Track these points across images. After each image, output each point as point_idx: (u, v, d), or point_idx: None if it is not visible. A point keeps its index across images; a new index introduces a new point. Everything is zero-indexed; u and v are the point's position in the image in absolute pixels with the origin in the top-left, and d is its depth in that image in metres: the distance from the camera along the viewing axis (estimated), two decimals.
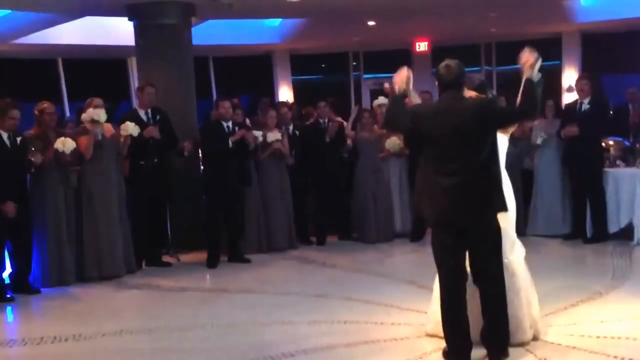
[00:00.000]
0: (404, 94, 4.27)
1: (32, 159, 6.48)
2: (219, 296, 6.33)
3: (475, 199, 4.06)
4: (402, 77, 4.22)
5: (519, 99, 4.07)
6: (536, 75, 4.09)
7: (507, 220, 4.42)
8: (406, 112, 4.28)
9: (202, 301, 6.17)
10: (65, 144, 6.60)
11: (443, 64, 4.21)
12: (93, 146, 6.87)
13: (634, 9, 11.94)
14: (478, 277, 4.20)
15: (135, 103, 9.39)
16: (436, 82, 4.26)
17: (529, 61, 4.09)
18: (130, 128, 7.08)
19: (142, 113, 7.56)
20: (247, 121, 8.51)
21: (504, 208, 4.16)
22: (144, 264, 7.51)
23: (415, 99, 4.42)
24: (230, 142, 7.47)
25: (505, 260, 4.33)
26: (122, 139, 7.11)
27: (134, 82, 10.88)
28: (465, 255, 4.19)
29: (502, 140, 4.46)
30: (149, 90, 7.57)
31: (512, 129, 4.64)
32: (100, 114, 6.89)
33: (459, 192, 4.04)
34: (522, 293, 4.46)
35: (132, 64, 12.05)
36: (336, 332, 4.97)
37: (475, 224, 4.13)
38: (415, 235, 8.44)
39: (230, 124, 7.62)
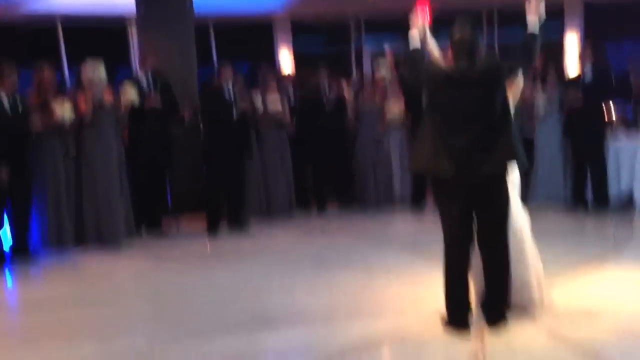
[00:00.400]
0: (423, 33, 4.38)
1: (31, 124, 6.44)
2: (218, 263, 6.33)
3: (489, 151, 4.07)
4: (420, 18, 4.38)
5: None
6: (539, 20, 4.14)
7: (513, 187, 4.42)
8: (423, 67, 4.33)
9: (201, 268, 6.17)
10: (64, 112, 6.56)
11: (456, 30, 4.21)
12: (93, 107, 6.82)
13: None
14: (483, 241, 4.20)
15: (135, 69, 9.34)
16: (449, 47, 4.25)
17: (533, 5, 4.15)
18: (131, 95, 7.04)
19: (143, 80, 7.54)
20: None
21: (522, 159, 4.17)
22: (143, 230, 7.53)
23: (433, 46, 4.43)
24: (234, 114, 7.42)
25: (514, 225, 4.34)
26: (122, 106, 7.07)
27: (134, 48, 10.80)
28: (472, 221, 4.18)
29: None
30: (149, 59, 7.60)
31: (517, 95, 4.61)
32: (100, 71, 6.85)
33: (473, 147, 4.05)
34: (529, 257, 4.47)
35: (132, 30, 11.96)
36: (336, 299, 4.98)
37: (489, 181, 4.11)
38: (415, 203, 8.46)
39: (231, 88, 7.57)
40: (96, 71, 6.84)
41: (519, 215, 4.48)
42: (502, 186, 4.17)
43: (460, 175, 4.08)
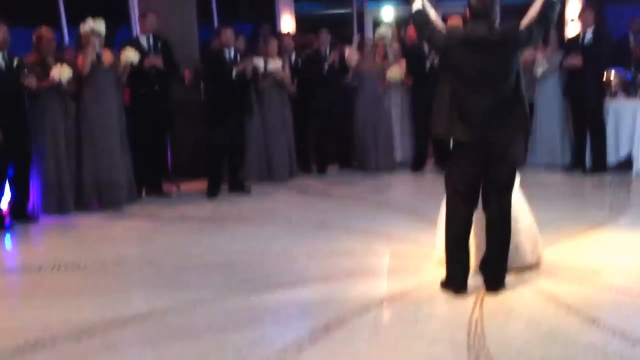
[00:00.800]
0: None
1: (26, 83, 6.37)
2: (218, 225, 6.35)
3: (507, 119, 4.13)
4: None
5: (535, 15, 4.13)
6: None
7: None
8: (434, 28, 4.31)
9: (201, 230, 6.20)
10: (62, 73, 6.51)
11: None
12: (91, 64, 6.78)
13: None
14: (490, 202, 4.25)
15: (135, 29, 9.26)
16: (467, 11, 4.26)
17: None
18: (131, 55, 7.00)
19: (143, 40, 7.48)
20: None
21: (527, 131, 4.33)
22: (144, 192, 7.54)
23: (431, 10, 4.42)
24: (233, 74, 7.39)
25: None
26: (121, 66, 7.03)
27: (134, 8, 10.68)
28: (480, 184, 4.24)
29: None
30: (150, 17, 7.48)
31: (526, 58, 4.62)
32: (100, 25, 6.80)
33: (493, 112, 4.11)
34: (523, 220, 4.52)
35: None
36: (335, 262, 5.02)
37: (504, 145, 4.18)
38: (416, 165, 8.49)
39: (232, 51, 7.53)
40: (95, 26, 6.77)
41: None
42: (514, 149, 4.29)
43: (478, 139, 4.14)
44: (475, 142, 4.16)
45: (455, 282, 4.27)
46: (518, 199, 4.55)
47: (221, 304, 4.28)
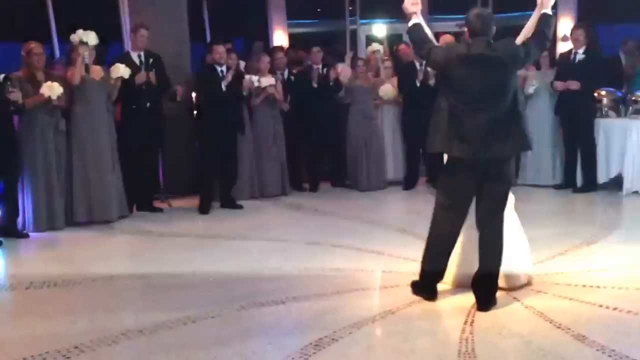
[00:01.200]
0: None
1: (12, 97, 6.32)
2: (210, 242, 6.33)
3: (503, 135, 4.16)
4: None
5: (531, 32, 4.27)
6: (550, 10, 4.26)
7: None
8: (433, 44, 4.40)
9: (193, 247, 6.18)
10: (52, 89, 6.50)
11: (474, 12, 4.30)
12: (81, 76, 6.77)
13: None
14: (483, 219, 4.29)
15: (126, 44, 9.28)
16: (465, 30, 4.33)
17: None
18: (121, 70, 7.00)
19: (134, 56, 7.48)
20: (242, 65, 8.45)
21: (528, 147, 4.32)
22: (135, 209, 7.52)
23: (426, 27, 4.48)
24: (223, 86, 7.42)
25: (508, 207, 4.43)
26: (112, 82, 7.04)
27: (126, 23, 10.71)
28: (471, 202, 4.29)
29: None
30: (142, 33, 7.48)
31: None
32: (90, 36, 6.80)
33: (490, 129, 4.14)
34: (514, 238, 4.53)
35: (124, 3, 11.86)
36: (327, 279, 5.01)
37: (496, 166, 4.21)
38: (408, 183, 8.50)
39: (224, 68, 7.56)
40: (84, 37, 6.78)
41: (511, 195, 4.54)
42: (509, 167, 4.34)
43: (474, 156, 4.17)
44: (472, 159, 4.19)
45: (428, 289, 4.39)
46: (512, 221, 4.56)
47: (212, 320, 4.26)
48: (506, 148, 4.21)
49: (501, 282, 4.40)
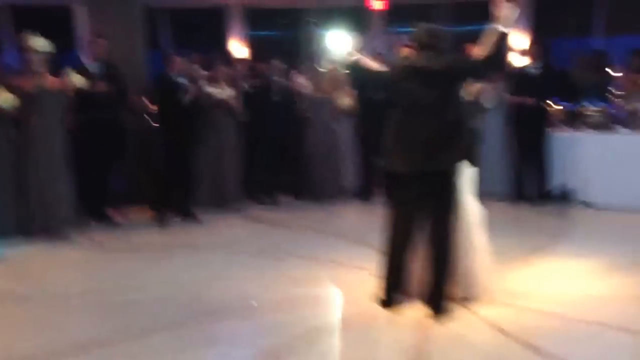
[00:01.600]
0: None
1: None
2: (167, 255, 6.28)
3: (446, 147, 4.24)
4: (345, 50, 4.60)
5: (486, 51, 4.15)
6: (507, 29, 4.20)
7: (469, 183, 4.58)
8: (375, 71, 4.51)
9: (150, 260, 6.11)
10: (3, 99, 6.40)
11: (422, 27, 4.37)
12: (35, 85, 6.68)
13: None
14: (429, 234, 4.37)
15: (82, 53, 9.19)
16: (414, 44, 4.40)
17: (506, 13, 4.19)
18: (76, 79, 6.93)
19: (90, 65, 7.40)
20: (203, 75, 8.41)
21: (471, 158, 4.40)
22: (90, 221, 7.41)
23: (368, 60, 4.56)
24: (185, 99, 7.39)
25: (465, 219, 4.51)
26: (67, 91, 6.95)
27: (80, 32, 10.60)
28: (418, 212, 4.37)
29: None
30: (98, 42, 7.42)
31: (473, 89, 4.73)
32: (39, 42, 6.72)
33: (433, 141, 4.22)
34: (477, 251, 4.61)
35: (78, 12, 11.74)
36: (285, 289, 5.03)
37: (439, 177, 4.28)
38: (365, 195, 8.56)
39: (183, 79, 7.51)
40: (34, 42, 6.70)
41: (471, 210, 4.62)
42: (451, 180, 4.34)
43: (417, 169, 4.26)
44: (415, 173, 4.26)
45: (387, 300, 4.47)
46: (477, 232, 4.63)
47: (166, 333, 4.24)
48: (449, 160, 4.28)
49: (463, 292, 4.50)
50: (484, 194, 8.12)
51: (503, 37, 4.15)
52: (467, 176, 4.55)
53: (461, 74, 4.28)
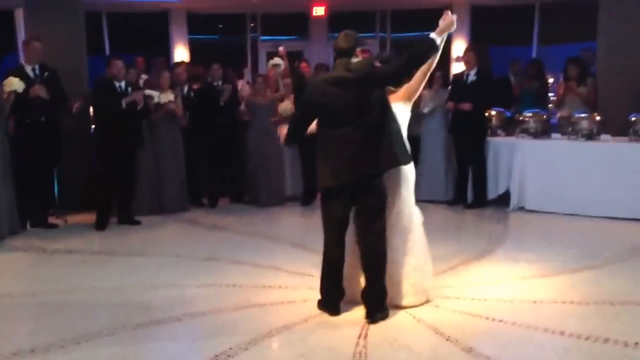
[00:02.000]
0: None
1: None
2: (106, 259, 6.23)
3: (370, 154, 4.28)
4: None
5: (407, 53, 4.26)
6: (439, 41, 4.30)
7: (408, 188, 4.62)
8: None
9: (89, 264, 6.06)
10: None
11: (342, 33, 4.46)
12: None
13: None
14: (360, 237, 4.45)
15: (21, 57, 9.00)
16: (334, 51, 4.48)
17: (448, 24, 4.30)
18: (15, 83, 6.80)
19: (28, 69, 7.28)
20: (141, 81, 8.35)
21: (405, 160, 4.45)
22: (28, 225, 7.30)
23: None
24: (123, 104, 7.31)
25: (402, 222, 4.58)
26: (5, 95, 6.81)
27: (21, 35, 10.37)
28: (347, 223, 4.47)
29: (404, 109, 4.66)
30: (35, 45, 7.28)
31: (414, 97, 4.77)
32: None
33: (354, 148, 4.27)
34: (413, 258, 4.65)
35: (19, 16, 11.49)
36: (224, 295, 5.03)
37: (365, 183, 4.33)
38: (305, 200, 8.60)
39: (123, 83, 7.45)
40: None
41: (410, 213, 4.68)
42: (379, 185, 4.40)
43: (342, 179, 4.32)
44: (340, 183, 4.35)
45: (329, 305, 4.53)
46: (415, 234, 4.69)
47: (106, 339, 4.19)
48: (373, 166, 4.32)
49: (396, 300, 4.58)
50: (425, 199, 8.39)
51: (431, 43, 4.27)
52: (402, 179, 4.60)
53: (374, 80, 4.31)
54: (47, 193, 7.56)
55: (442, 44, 4.38)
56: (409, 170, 4.63)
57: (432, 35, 4.30)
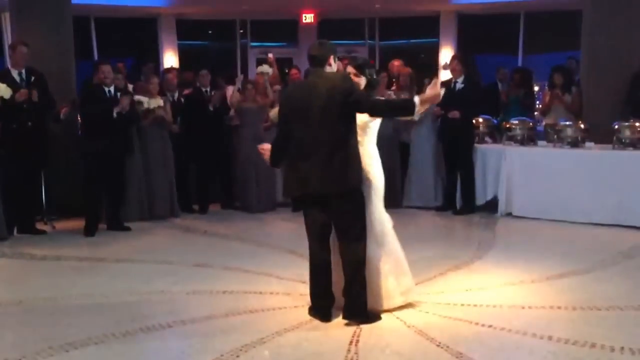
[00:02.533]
0: None
1: None
2: (95, 265, 6.19)
3: (335, 172, 4.31)
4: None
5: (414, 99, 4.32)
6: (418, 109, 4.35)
7: (377, 193, 4.65)
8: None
9: (77, 270, 6.01)
10: None
11: (316, 42, 4.55)
12: None
13: None
14: (339, 246, 4.50)
15: (8, 62, 8.97)
16: (308, 59, 4.52)
17: (433, 97, 4.41)
18: (1, 89, 6.76)
19: (15, 73, 7.22)
20: (130, 87, 8.34)
21: (358, 183, 4.44)
22: (15, 231, 7.25)
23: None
24: (114, 113, 7.27)
25: (374, 230, 4.59)
26: None
27: (8, 40, 10.33)
28: (329, 231, 4.51)
29: (370, 124, 4.67)
30: (21, 50, 7.22)
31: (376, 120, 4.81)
32: None
33: (320, 165, 4.30)
34: (388, 262, 4.68)
35: (6, 20, 11.43)
36: (215, 301, 5.02)
37: (337, 195, 4.36)
38: (297, 205, 8.60)
39: (112, 88, 7.43)
40: None
41: (380, 218, 4.70)
42: (351, 198, 4.42)
43: (305, 187, 4.37)
44: (306, 192, 4.39)
45: (319, 311, 4.55)
46: (388, 241, 4.72)
47: (95, 347, 4.17)
48: (341, 183, 4.33)
49: (378, 305, 4.62)
50: (414, 205, 8.45)
51: (410, 109, 4.32)
52: (372, 185, 4.61)
53: (360, 109, 4.33)
54: (34, 198, 7.52)
55: (421, 111, 4.44)
56: (378, 176, 4.65)
57: (416, 99, 4.33)
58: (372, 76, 4.72)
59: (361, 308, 4.49)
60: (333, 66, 4.49)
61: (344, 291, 4.51)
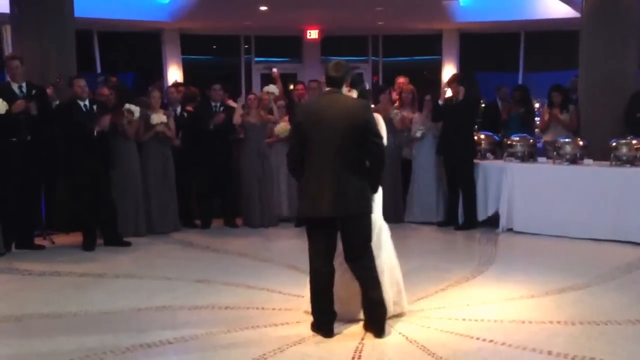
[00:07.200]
0: None
1: None
2: (94, 281, 6.13)
3: (350, 194, 4.37)
4: None
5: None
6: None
7: (376, 208, 4.71)
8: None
9: (76, 286, 5.95)
10: None
11: (333, 62, 4.56)
12: None
13: (507, 12, 12.95)
14: (349, 263, 4.54)
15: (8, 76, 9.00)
16: (325, 78, 4.58)
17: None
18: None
19: (15, 87, 7.12)
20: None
21: (369, 209, 4.53)
22: (13, 246, 7.18)
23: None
24: (95, 132, 7.21)
25: (374, 242, 4.66)
26: None
27: (9, 51, 10.35)
28: (334, 249, 4.52)
29: None
30: (13, 64, 7.10)
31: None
32: None
33: (333, 189, 4.34)
34: (387, 273, 4.77)
35: (8, 33, 11.46)
36: (217, 318, 5.00)
37: (349, 217, 4.41)
38: (300, 221, 8.59)
39: (87, 102, 7.32)
40: None
41: (379, 230, 4.79)
42: (362, 222, 4.48)
43: (318, 210, 4.39)
44: (318, 217, 4.42)
45: (322, 327, 4.55)
46: (385, 254, 4.78)
47: None
48: (356, 205, 4.39)
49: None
50: (416, 220, 8.44)
51: (378, 181, 4.54)
52: (375, 207, 4.72)
53: (366, 125, 4.38)
54: (33, 213, 7.43)
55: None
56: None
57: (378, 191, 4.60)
58: (363, 90, 4.97)
59: (382, 322, 4.55)
60: (346, 88, 4.60)
61: (368, 309, 4.56)
